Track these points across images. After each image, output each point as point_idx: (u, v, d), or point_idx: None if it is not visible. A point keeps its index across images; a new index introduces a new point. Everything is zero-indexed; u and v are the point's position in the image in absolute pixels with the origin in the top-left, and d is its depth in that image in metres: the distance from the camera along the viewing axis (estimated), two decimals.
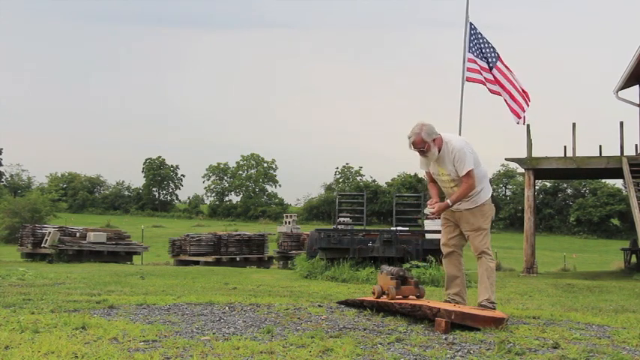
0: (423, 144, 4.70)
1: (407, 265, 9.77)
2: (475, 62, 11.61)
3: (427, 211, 4.92)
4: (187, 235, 19.68)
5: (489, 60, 11.58)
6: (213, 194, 77.45)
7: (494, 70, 11.55)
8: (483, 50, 11.65)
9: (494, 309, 4.76)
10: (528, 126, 16.08)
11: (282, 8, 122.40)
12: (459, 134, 11.42)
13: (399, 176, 66.77)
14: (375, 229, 13.43)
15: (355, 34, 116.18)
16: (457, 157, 4.71)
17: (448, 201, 4.81)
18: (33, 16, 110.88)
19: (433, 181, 5.06)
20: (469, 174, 4.71)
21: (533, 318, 4.97)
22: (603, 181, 55.55)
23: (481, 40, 11.67)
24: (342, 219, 14.91)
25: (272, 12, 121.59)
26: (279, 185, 77.99)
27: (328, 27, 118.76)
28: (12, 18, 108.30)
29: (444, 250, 5.09)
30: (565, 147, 16.20)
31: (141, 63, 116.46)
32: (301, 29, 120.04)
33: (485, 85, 11.57)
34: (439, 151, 4.75)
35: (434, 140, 4.71)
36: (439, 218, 5.14)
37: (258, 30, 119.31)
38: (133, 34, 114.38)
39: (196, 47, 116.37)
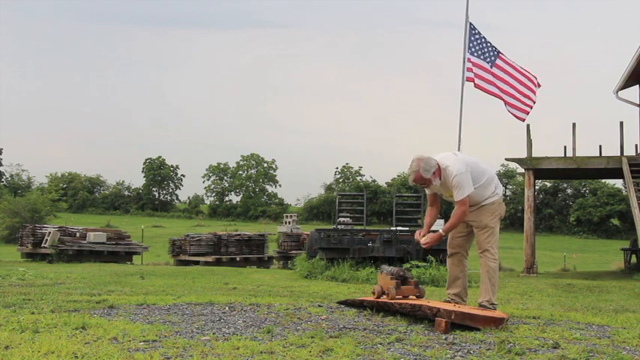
0: (423, 180, 4.76)
1: (407, 265, 9.77)
2: (474, 64, 11.60)
3: (421, 241, 4.91)
4: (187, 235, 19.68)
5: (488, 59, 11.56)
6: (213, 194, 77.50)
7: (494, 69, 11.53)
8: (483, 50, 11.64)
9: (495, 310, 4.76)
10: (528, 126, 16.10)
11: (282, 8, 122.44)
12: (459, 134, 11.42)
13: (399, 176, 66.72)
14: (375, 229, 13.42)
15: (355, 34, 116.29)
16: (454, 183, 4.75)
17: (441, 231, 4.85)
18: (32, 16, 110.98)
19: (433, 204, 5.07)
20: (463, 201, 4.75)
21: (533, 318, 4.96)
22: (603, 181, 55.52)
23: (479, 40, 11.66)
24: (342, 219, 14.91)
25: (272, 12, 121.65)
26: (279, 185, 78.11)
27: (328, 27, 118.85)
28: (12, 18, 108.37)
29: (449, 250, 5.11)
30: (565, 147, 16.22)
31: (141, 63, 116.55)
32: (301, 29, 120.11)
33: (483, 88, 11.55)
34: (440, 179, 4.79)
35: (433, 173, 4.74)
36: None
37: (258, 30, 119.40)
38: (133, 34, 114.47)
39: (196, 47, 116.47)
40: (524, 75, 11.66)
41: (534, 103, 11.76)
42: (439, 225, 11.58)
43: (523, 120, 11.91)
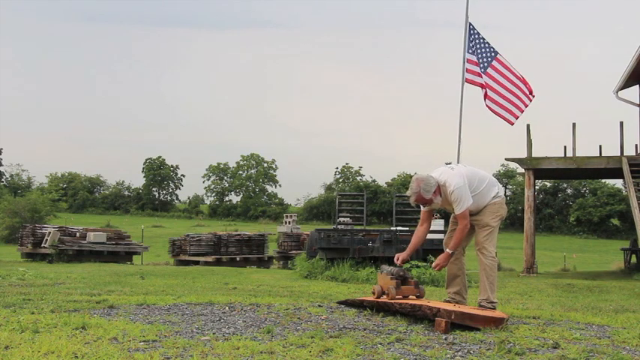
0: (425, 201, 4.81)
1: (407, 265, 9.77)
2: (474, 63, 11.59)
3: (433, 265, 4.97)
4: (187, 235, 19.69)
5: (484, 61, 11.55)
6: (213, 194, 77.48)
7: (490, 69, 11.51)
8: (480, 51, 11.64)
9: (494, 309, 4.76)
10: (528, 126, 16.11)
11: (282, 8, 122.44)
12: (459, 135, 11.40)
13: (399, 176, 66.74)
14: (375, 229, 13.42)
15: (355, 34, 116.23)
16: (453, 198, 4.80)
17: (448, 250, 4.89)
18: (32, 17, 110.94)
19: (424, 222, 5.10)
20: (464, 214, 4.80)
21: (533, 318, 4.96)
22: (603, 181, 55.51)
23: (478, 41, 11.65)
24: (342, 219, 14.92)
25: (272, 12, 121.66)
26: (279, 185, 78.07)
27: (328, 27, 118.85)
28: (11, 18, 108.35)
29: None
30: (565, 147, 16.22)
31: (141, 63, 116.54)
32: (301, 29, 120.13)
33: (482, 87, 11.53)
34: (441, 196, 4.84)
35: (434, 192, 4.78)
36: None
37: (257, 30, 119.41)
38: (133, 34, 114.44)
39: (196, 47, 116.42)
40: (521, 80, 11.61)
41: (526, 107, 11.71)
42: (439, 225, 11.51)
43: (512, 124, 11.88)
